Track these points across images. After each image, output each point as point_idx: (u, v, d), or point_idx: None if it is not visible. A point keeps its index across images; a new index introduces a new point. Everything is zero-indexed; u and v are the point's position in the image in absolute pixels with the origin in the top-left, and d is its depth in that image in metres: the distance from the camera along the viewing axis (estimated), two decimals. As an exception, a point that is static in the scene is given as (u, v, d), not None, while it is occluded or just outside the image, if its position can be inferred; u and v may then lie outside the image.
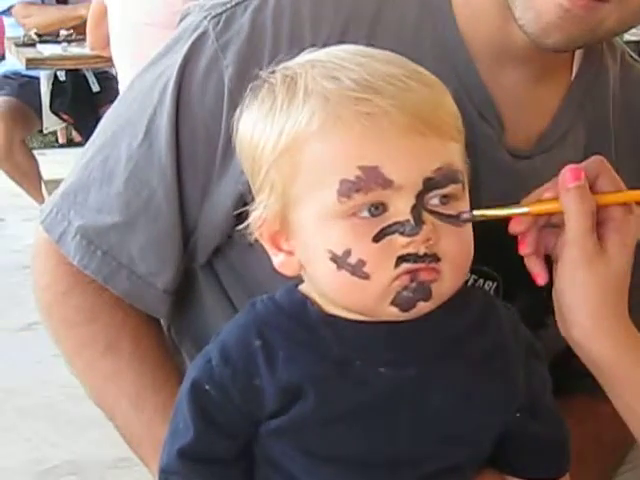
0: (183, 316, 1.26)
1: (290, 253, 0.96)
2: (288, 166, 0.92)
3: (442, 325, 0.96)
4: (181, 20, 1.20)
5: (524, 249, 1.04)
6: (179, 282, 1.19)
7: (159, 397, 1.16)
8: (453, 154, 0.93)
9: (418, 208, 0.91)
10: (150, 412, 1.16)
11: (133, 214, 1.15)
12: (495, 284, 1.18)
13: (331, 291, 0.95)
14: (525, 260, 1.06)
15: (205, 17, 1.13)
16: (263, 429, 0.97)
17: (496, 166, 1.13)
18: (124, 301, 1.19)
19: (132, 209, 1.15)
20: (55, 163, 5.16)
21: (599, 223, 1.01)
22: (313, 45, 1.09)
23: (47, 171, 4.79)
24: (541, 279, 1.05)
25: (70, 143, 6.16)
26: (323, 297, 0.97)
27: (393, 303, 0.93)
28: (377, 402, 0.95)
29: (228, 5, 1.13)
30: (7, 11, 5.09)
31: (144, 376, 1.18)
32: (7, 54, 5.15)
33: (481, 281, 1.16)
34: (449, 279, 0.94)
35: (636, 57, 1.30)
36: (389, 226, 0.91)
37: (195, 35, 1.13)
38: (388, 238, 0.91)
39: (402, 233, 0.90)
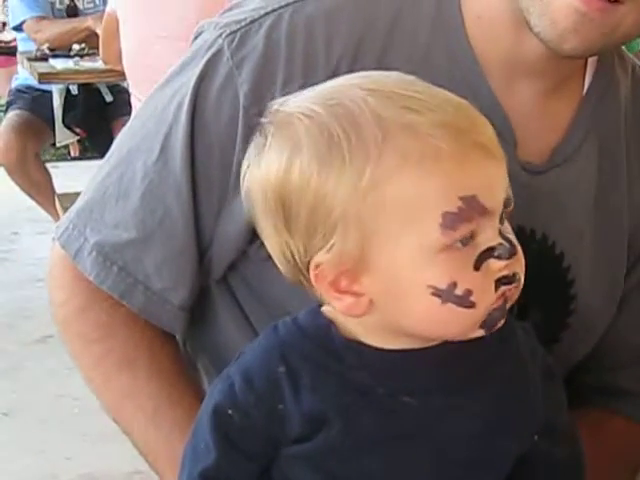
0: (199, 331, 1.26)
1: (357, 294, 0.92)
2: (372, 204, 0.89)
3: (465, 352, 0.95)
4: (195, 37, 1.20)
5: None
6: (195, 298, 1.20)
7: (176, 412, 1.16)
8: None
9: (509, 229, 0.93)
10: (167, 427, 1.16)
11: (149, 230, 1.16)
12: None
13: (429, 325, 0.93)
14: None
15: (220, 35, 1.14)
16: (284, 453, 0.96)
17: (510, 182, 1.14)
18: (140, 317, 1.19)
19: (148, 225, 1.16)
20: (68, 176, 5.18)
21: None
22: (327, 63, 1.11)
23: (60, 184, 4.81)
24: None
25: (83, 156, 6.18)
26: (359, 325, 0.96)
27: (482, 325, 0.93)
28: (402, 431, 0.95)
29: (243, 23, 1.14)
30: (19, 26, 5.12)
31: (161, 391, 1.19)
32: (19, 68, 5.17)
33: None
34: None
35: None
36: (484, 252, 0.90)
37: (210, 53, 1.14)
38: (485, 264, 0.91)
39: (498, 257, 0.91)
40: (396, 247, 0.90)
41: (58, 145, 5.32)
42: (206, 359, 1.28)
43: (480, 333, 0.93)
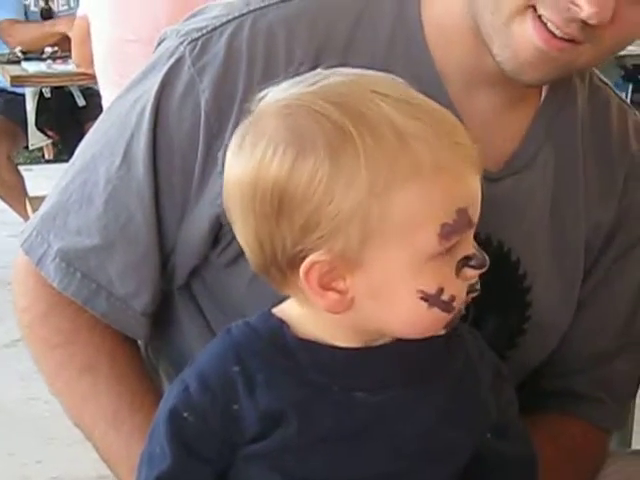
0: (161, 337, 1.27)
1: (341, 292, 0.93)
2: (380, 208, 0.89)
3: (416, 349, 0.98)
4: (158, 44, 1.22)
5: None
6: (157, 304, 1.21)
7: (136, 417, 1.17)
8: None
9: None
10: (127, 432, 1.17)
11: (112, 237, 1.17)
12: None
13: (410, 327, 0.95)
14: None
15: (182, 42, 1.15)
16: (241, 453, 0.97)
17: None
18: (102, 322, 1.20)
19: (111, 232, 1.17)
20: (42, 178, 5.15)
21: None
22: (287, 69, 1.12)
23: (34, 186, 4.79)
24: None
25: (57, 159, 6.16)
26: (307, 321, 0.97)
27: (447, 325, 0.96)
28: (356, 426, 0.96)
29: (204, 31, 1.15)
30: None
31: (121, 396, 1.20)
32: (-8, 71, 5.15)
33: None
34: None
35: (604, 79, 1.32)
36: (462, 260, 0.93)
37: (172, 60, 1.15)
38: (463, 271, 0.94)
39: (473, 266, 0.94)
40: (393, 251, 0.91)
41: (31, 148, 5.31)
42: (168, 364, 1.29)
43: (442, 332, 0.97)
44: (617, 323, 1.31)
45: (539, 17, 1.05)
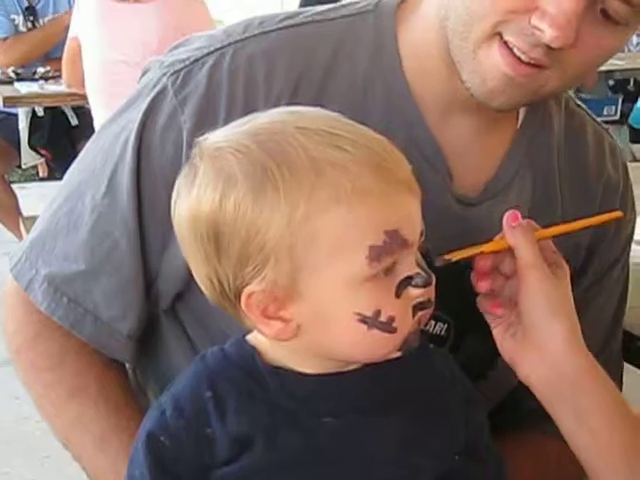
0: (148, 359, 1.29)
1: (285, 320, 0.96)
2: (303, 237, 0.92)
3: (383, 374, 1.00)
4: (142, 75, 1.24)
5: (483, 286, 1.11)
6: (143, 327, 1.23)
7: (123, 439, 1.19)
8: None
9: (422, 260, 0.98)
10: (114, 453, 1.19)
11: (97, 262, 1.19)
12: (446, 325, 1.22)
13: (355, 350, 0.97)
14: (479, 299, 1.12)
15: (164, 74, 1.18)
16: (214, 476, 0.99)
17: (443, 213, 1.17)
18: (90, 346, 1.23)
19: (96, 258, 1.19)
20: (36, 197, 5.17)
21: None
22: (267, 99, 1.15)
23: (28, 205, 4.81)
24: (498, 309, 1.11)
25: (51, 177, 6.18)
26: (283, 350, 0.99)
27: (400, 347, 0.98)
28: (322, 450, 0.99)
29: (186, 62, 1.18)
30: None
31: (108, 418, 1.22)
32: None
33: (432, 322, 1.21)
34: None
35: (580, 104, 1.34)
36: (403, 280, 0.95)
37: (155, 91, 1.18)
38: (405, 291, 0.96)
39: (416, 285, 0.96)
40: (325, 277, 0.93)
41: (24, 167, 5.33)
42: (155, 386, 1.31)
43: (397, 354, 0.99)
44: (597, 342, 1.33)
45: (505, 43, 1.07)
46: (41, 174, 6.33)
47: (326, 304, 0.95)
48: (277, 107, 1.07)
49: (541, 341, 1.07)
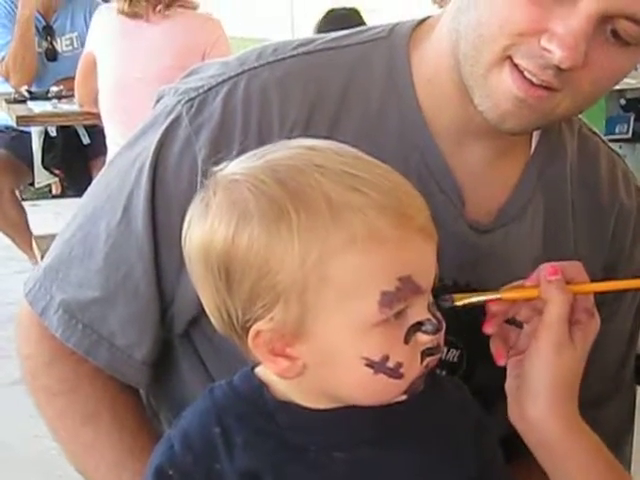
0: (161, 384, 1.29)
1: (292, 358, 0.96)
2: (315, 281, 0.91)
3: (392, 407, 0.99)
4: (157, 101, 1.25)
5: (489, 329, 1.11)
6: (158, 353, 1.24)
7: (137, 464, 1.19)
8: None
9: (434, 306, 0.97)
10: (128, 479, 1.20)
11: (112, 289, 1.20)
12: (459, 352, 1.23)
13: (360, 393, 0.97)
14: (492, 339, 1.12)
15: (179, 101, 1.19)
16: None
17: (456, 240, 1.17)
18: (104, 371, 1.23)
19: (111, 284, 1.20)
20: (49, 214, 5.19)
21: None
22: (281, 128, 1.15)
23: (40, 223, 4.82)
24: (502, 359, 1.11)
25: (64, 194, 6.20)
26: (289, 386, 0.99)
27: (405, 391, 0.98)
28: None
29: (200, 90, 1.19)
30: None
31: (123, 444, 1.22)
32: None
33: (445, 348, 1.21)
34: None
35: (593, 129, 1.35)
36: (413, 325, 0.95)
37: (170, 119, 1.18)
38: (414, 337, 0.95)
39: (425, 332, 0.95)
40: (334, 320, 0.93)
41: (37, 186, 5.34)
42: (169, 412, 1.31)
43: (402, 397, 0.98)
44: (611, 368, 1.33)
45: (516, 66, 1.07)
46: (54, 191, 6.36)
47: (334, 346, 0.94)
48: (291, 137, 1.08)
49: (527, 400, 1.08)
